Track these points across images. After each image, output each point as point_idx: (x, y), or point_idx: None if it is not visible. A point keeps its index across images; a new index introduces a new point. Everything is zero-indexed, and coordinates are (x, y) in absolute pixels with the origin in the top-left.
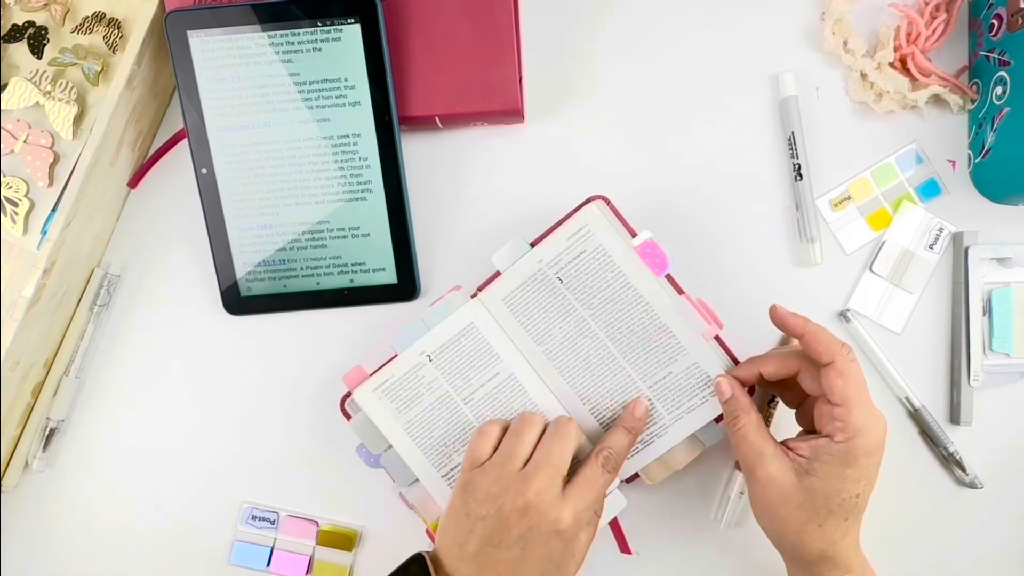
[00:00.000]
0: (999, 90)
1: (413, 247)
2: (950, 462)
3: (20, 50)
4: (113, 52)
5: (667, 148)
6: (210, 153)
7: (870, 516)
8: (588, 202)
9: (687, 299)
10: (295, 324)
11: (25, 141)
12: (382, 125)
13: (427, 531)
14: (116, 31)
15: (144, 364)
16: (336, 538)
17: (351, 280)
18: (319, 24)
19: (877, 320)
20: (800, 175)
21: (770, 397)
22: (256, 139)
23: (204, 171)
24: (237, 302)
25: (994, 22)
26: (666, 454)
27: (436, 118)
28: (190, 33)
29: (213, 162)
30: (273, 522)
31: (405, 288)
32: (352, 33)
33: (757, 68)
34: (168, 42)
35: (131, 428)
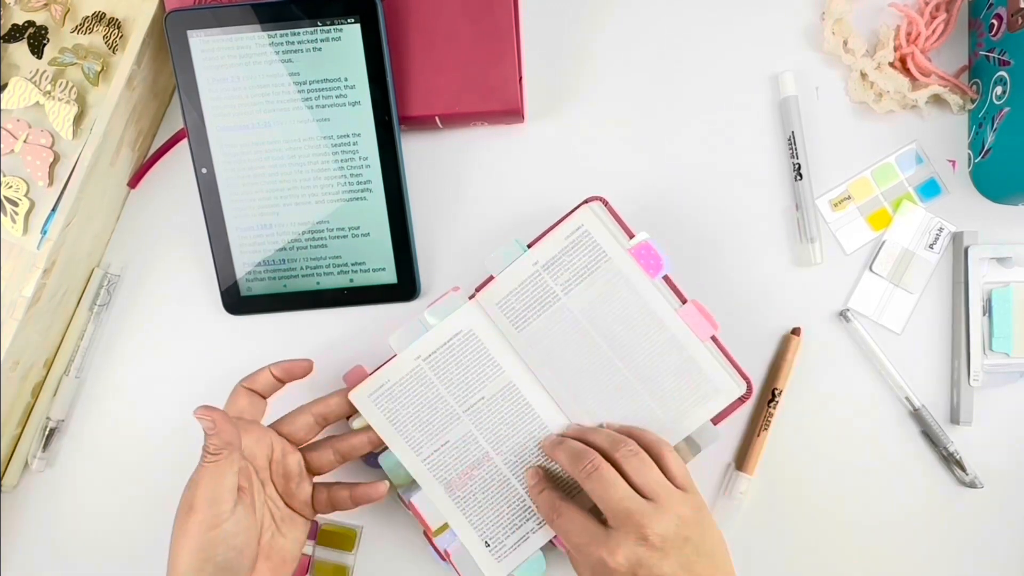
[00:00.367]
0: (999, 90)
1: (413, 247)
2: (950, 462)
3: (20, 50)
4: (113, 52)
5: (667, 148)
6: (210, 153)
7: (870, 516)
8: (585, 203)
9: (680, 301)
10: (295, 324)
11: (25, 141)
12: (382, 125)
13: (424, 532)
14: (116, 31)
15: (144, 364)
16: (336, 538)
17: (351, 280)
18: (319, 24)
19: (877, 320)
20: (800, 175)
21: (770, 396)
22: (256, 139)
23: (204, 171)
24: (237, 302)
25: (994, 22)
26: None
27: (436, 118)
28: (190, 33)
29: (213, 162)
30: None
31: (405, 288)
32: (352, 33)
33: (757, 68)
34: (168, 42)
35: (131, 428)
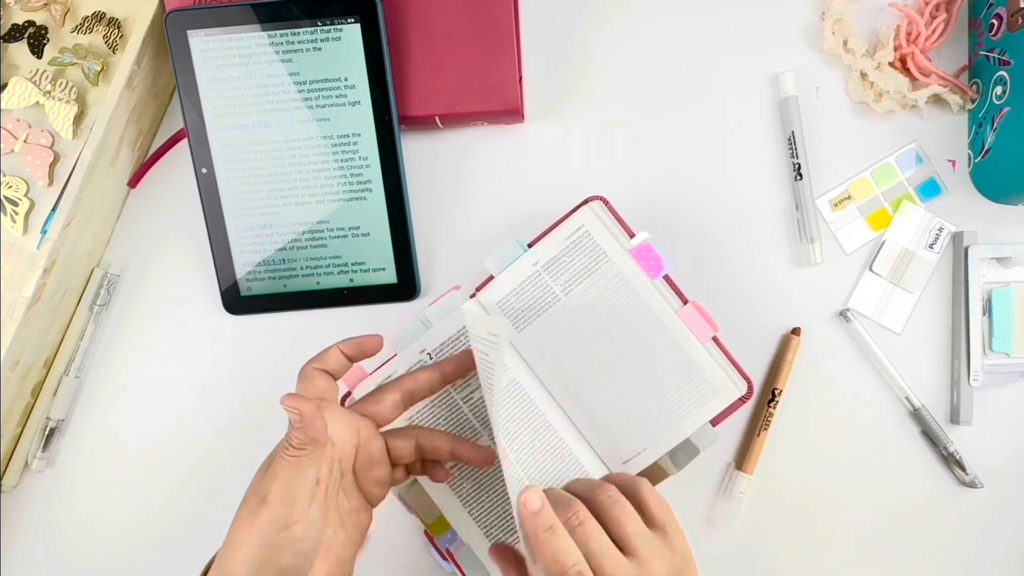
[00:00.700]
0: (999, 90)
1: (413, 247)
2: (950, 462)
3: (20, 50)
4: (113, 52)
5: (667, 148)
6: (210, 153)
7: (871, 515)
8: (586, 203)
9: (681, 302)
10: (295, 324)
11: (25, 141)
12: (382, 125)
13: (425, 532)
14: (116, 31)
15: (144, 364)
16: None
17: (351, 280)
18: (319, 24)
19: (877, 320)
20: (800, 175)
21: (770, 396)
22: (256, 139)
23: (204, 171)
24: (237, 302)
25: (994, 22)
26: (662, 459)
27: (436, 118)
28: (190, 33)
29: (213, 162)
30: None
31: (405, 288)
32: (352, 33)
33: (757, 68)
34: (168, 42)
35: (131, 428)
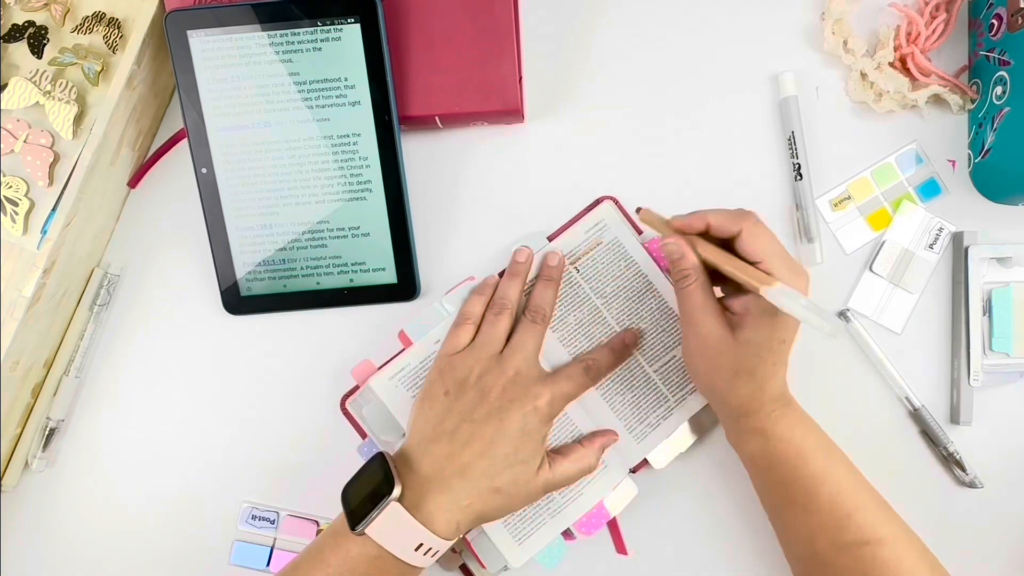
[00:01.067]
0: (999, 90)
1: (413, 247)
2: (950, 462)
3: (20, 50)
4: (113, 52)
5: (667, 148)
6: (210, 153)
7: None
8: (599, 201)
9: None
10: (295, 324)
11: (25, 141)
12: (382, 125)
13: None
14: (116, 31)
15: (144, 364)
16: None
17: (351, 280)
18: (319, 24)
19: (877, 320)
20: (800, 175)
21: None
22: (256, 139)
23: (204, 171)
24: (237, 302)
25: (994, 22)
26: (671, 437)
27: (436, 118)
28: (190, 33)
29: (213, 162)
30: (273, 522)
31: (405, 288)
32: (352, 33)
33: (757, 68)
34: (168, 42)
35: (131, 428)
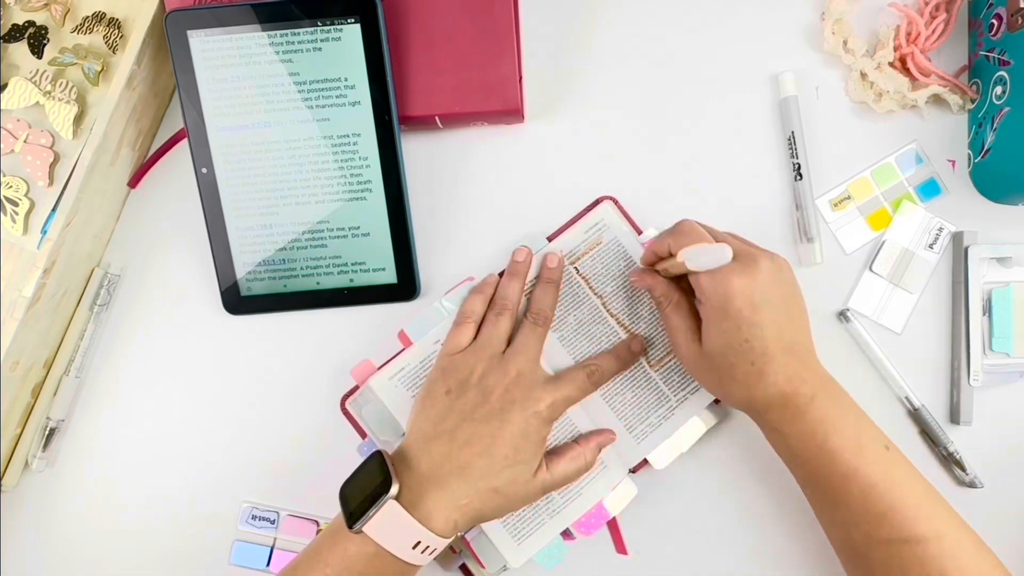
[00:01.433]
0: (999, 90)
1: (413, 247)
2: (950, 462)
3: (20, 50)
4: (113, 52)
5: (667, 148)
6: (210, 153)
7: None
8: (599, 201)
9: None
10: (295, 324)
11: (25, 141)
12: (382, 125)
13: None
14: (116, 31)
15: (144, 364)
16: None
17: (351, 280)
18: (319, 24)
19: (877, 320)
20: (800, 175)
21: None
22: (256, 139)
23: (204, 171)
24: (237, 302)
25: (994, 22)
26: (672, 437)
27: (436, 118)
28: (190, 33)
29: (213, 162)
30: (273, 522)
31: (405, 288)
32: (352, 33)
33: (757, 68)
34: (168, 42)
35: (131, 428)
